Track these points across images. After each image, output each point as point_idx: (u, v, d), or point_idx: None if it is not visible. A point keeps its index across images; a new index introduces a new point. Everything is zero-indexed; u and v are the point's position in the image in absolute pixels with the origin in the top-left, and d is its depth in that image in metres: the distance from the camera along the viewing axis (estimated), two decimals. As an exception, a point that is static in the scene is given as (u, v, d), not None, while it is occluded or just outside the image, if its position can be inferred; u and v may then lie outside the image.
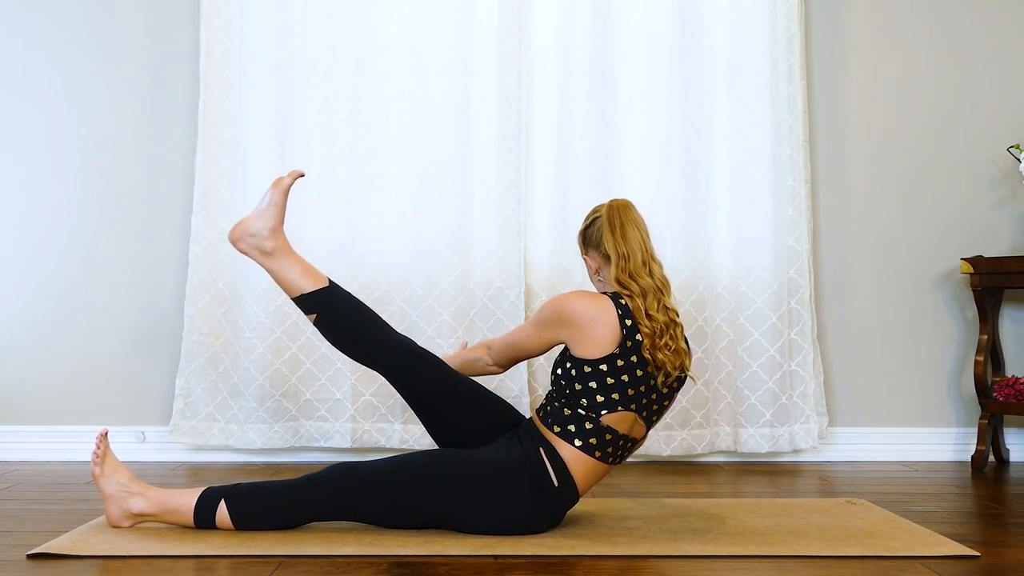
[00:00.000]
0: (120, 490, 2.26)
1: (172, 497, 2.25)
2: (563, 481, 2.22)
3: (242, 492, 2.25)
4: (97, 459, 2.27)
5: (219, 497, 2.23)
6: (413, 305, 3.38)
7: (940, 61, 3.61)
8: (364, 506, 2.22)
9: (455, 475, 2.21)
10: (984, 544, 2.21)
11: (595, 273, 2.41)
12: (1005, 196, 3.57)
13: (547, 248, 3.43)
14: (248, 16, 3.41)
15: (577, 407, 2.23)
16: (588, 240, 2.41)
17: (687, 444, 3.38)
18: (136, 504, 2.25)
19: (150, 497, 2.25)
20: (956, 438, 3.53)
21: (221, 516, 2.22)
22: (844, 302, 3.56)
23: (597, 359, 2.22)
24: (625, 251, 2.31)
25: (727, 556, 2.06)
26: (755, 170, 3.43)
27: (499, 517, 2.20)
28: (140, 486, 2.27)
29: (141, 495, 2.25)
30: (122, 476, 2.28)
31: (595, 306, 2.25)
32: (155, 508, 2.25)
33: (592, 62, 3.44)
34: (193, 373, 3.36)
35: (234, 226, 2.40)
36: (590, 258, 2.41)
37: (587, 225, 2.43)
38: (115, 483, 2.27)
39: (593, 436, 2.22)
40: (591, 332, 2.23)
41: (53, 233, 3.49)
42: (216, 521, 2.22)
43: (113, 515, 2.27)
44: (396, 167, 3.41)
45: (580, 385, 2.23)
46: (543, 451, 2.23)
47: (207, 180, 3.38)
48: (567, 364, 2.26)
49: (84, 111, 3.51)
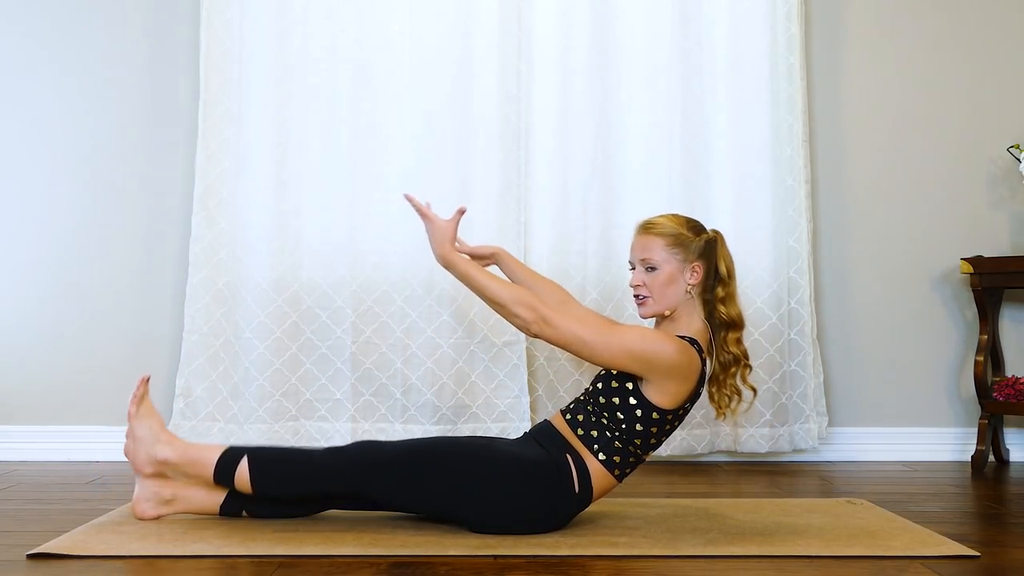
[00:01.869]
0: (150, 435, 2.31)
1: (196, 450, 2.30)
2: (583, 488, 2.24)
3: (265, 455, 2.28)
4: (136, 399, 2.34)
5: (241, 455, 2.25)
6: (413, 305, 3.38)
7: (940, 61, 3.61)
8: (382, 482, 2.22)
9: (481, 462, 2.21)
10: (984, 544, 2.21)
11: (691, 284, 2.31)
12: (1005, 196, 3.57)
13: (547, 248, 3.43)
14: (248, 16, 3.41)
15: (622, 436, 2.25)
16: (705, 250, 2.33)
17: (687, 444, 3.38)
18: (162, 451, 2.29)
19: (176, 446, 2.30)
20: (956, 438, 3.53)
21: (241, 474, 2.24)
22: (844, 302, 3.56)
23: (667, 410, 2.24)
24: (734, 275, 2.34)
25: (727, 556, 2.06)
26: (755, 170, 3.43)
27: (514, 513, 2.19)
28: (168, 435, 2.33)
29: (168, 444, 2.30)
30: (154, 422, 2.34)
31: (690, 361, 2.23)
32: (179, 457, 2.28)
33: (592, 62, 3.44)
34: (193, 373, 3.36)
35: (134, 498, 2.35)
36: (697, 267, 2.31)
37: (700, 231, 2.34)
38: (146, 427, 2.32)
39: (620, 457, 2.28)
40: (678, 387, 2.23)
41: (53, 233, 3.49)
42: (235, 478, 2.24)
43: (139, 459, 2.31)
44: (396, 167, 3.41)
45: (641, 427, 2.24)
46: (570, 457, 2.24)
47: (207, 180, 3.38)
48: (632, 400, 2.23)
49: (84, 111, 3.51)
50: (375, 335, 3.36)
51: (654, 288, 2.31)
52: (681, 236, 2.32)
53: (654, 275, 2.31)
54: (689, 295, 2.32)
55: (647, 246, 2.32)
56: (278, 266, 3.38)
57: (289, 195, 3.38)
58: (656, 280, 2.31)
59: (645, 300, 2.34)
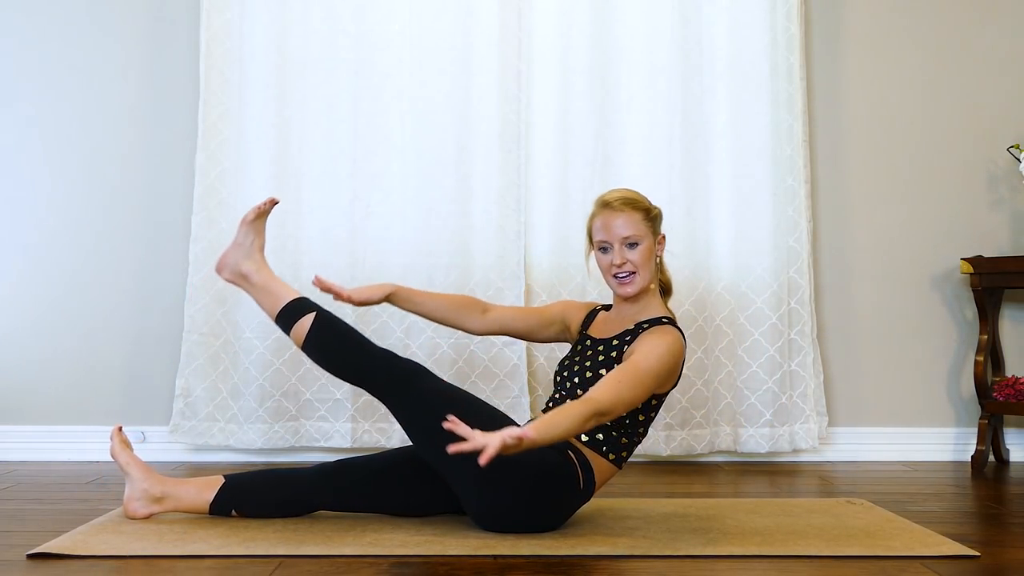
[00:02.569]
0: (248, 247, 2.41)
1: (275, 284, 2.39)
2: (587, 483, 2.25)
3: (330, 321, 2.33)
4: (257, 209, 2.41)
5: (310, 310, 2.33)
6: (413, 305, 3.38)
7: (940, 61, 3.61)
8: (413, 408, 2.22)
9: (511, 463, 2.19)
10: (984, 544, 2.21)
11: (659, 255, 2.37)
12: (1005, 196, 3.57)
13: (547, 248, 3.43)
14: (248, 16, 3.41)
15: (628, 430, 2.27)
16: (660, 223, 2.37)
17: (687, 444, 3.38)
18: (248, 266, 2.40)
19: (262, 272, 2.41)
20: (956, 438, 3.53)
21: (301, 326, 2.30)
22: (844, 302, 3.56)
23: (665, 392, 2.30)
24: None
25: (727, 556, 2.06)
26: (755, 170, 3.43)
27: (523, 508, 2.18)
28: (261, 258, 2.42)
29: (258, 265, 2.41)
30: (258, 240, 2.43)
31: (681, 343, 2.28)
32: (258, 281, 2.39)
33: (592, 62, 3.44)
34: (193, 373, 3.36)
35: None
36: (662, 238, 2.37)
37: (656, 207, 2.38)
38: (250, 239, 2.42)
39: (627, 451, 2.30)
40: (678, 371, 2.30)
41: (53, 233, 3.49)
42: (295, 327, 2.30)
43: (226, 260, 2.42)
44: (396, 167, 3.41)
45: (644, 416, 2.29)
46: (572, 456, 2.24)
47: (207, 180, 3.38)
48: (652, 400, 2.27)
49: (84, 111, 3.51)
50: (375, 335, 3.35)
51: (639, 264, 2.30)
52: (651, 210, 2.36)
53: (635, 251, 2.30)
54: (657, 268, 2.37)
55: (626, 223, 2.29)
56: (278, 266, 3.35)
57: (289, 195, 3.38)
58: (638, 256, 2.30)
59: (632, 278, 2.31)
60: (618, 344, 2.31)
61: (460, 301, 2.49)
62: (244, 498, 2.33)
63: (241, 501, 2.33)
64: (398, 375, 2.26)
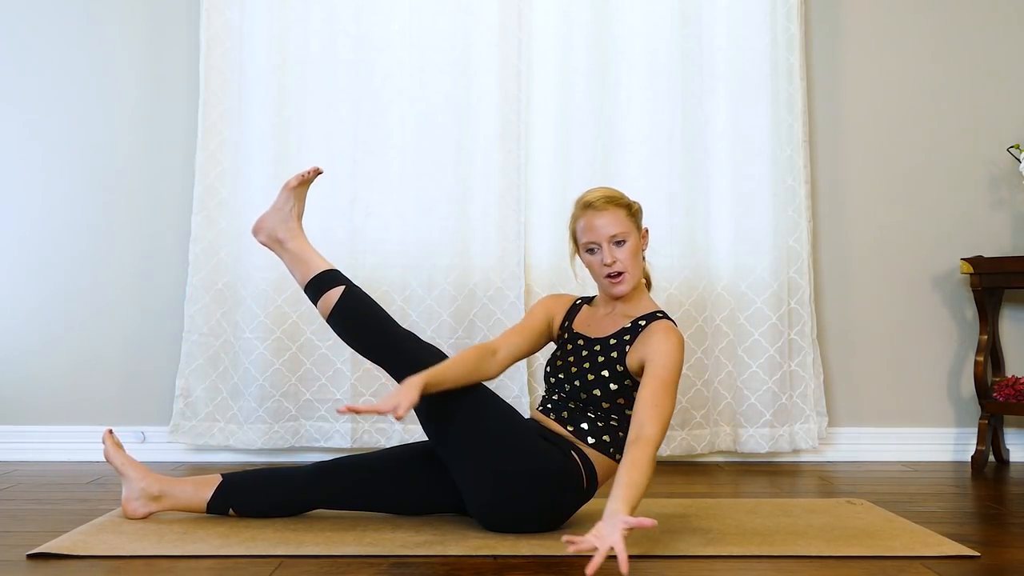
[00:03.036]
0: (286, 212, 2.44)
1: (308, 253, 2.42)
2: (591, 483, 2.25)
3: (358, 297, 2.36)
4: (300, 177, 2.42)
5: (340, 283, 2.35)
6: (413, 305, 3.38)
7: (940, 61, 3.61)
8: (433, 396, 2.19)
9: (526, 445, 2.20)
10: (984, 544, 2.21)
11: (644, 250, 2.37)
12: (1005, 196, 3.57)
13: (547, 248, 3.44)
14: (248, 16, 3.41)
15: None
16: (641, 218, 2.38)
17: (687, 444, 3.38)
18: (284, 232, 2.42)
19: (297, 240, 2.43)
20: (956, 438, 3.53)
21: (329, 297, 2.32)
22: (844, 302, 3.56)
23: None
24: None
25: (727, 556, 2.06)
26: (755, 170, 3.43)
27: (526, 506, 2.18)
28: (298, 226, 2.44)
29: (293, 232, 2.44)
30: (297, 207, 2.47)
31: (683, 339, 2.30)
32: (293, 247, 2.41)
33: (592, 62, 3.44)
34: (193, 373, 3.36)
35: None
36: (645, 232, 2.37)
37: (635, 202, 2.38)
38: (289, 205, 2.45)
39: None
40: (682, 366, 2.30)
41: (53, 233, 3.49)
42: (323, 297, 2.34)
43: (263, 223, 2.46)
44: (396, 167, 3.41)
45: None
46: (576, 456, 2.23)
47: (207, 180, 3.38)
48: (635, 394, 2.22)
49: (84, 111, 3.51)
50: (375, 335, 3.36)
51: (627, 261, 2.29)
52: (632, 205, 2.35)
53: (623, 248, 2.29)
54: (644, 261, 2.38)
55: (612, 221, 2.28)
56: (278, 266, 3.35)
57: (289, 195, 3.37)
58: (627, 253, 2.29)
59: (622, 276, 2.29)
60: (616, 343, 2.29)
61: (473, 357, 2.33)
62: (241, 497, 2.33)
63: (238, 500, 2.33)
64: (418, 359, 2.24)
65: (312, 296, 2.38)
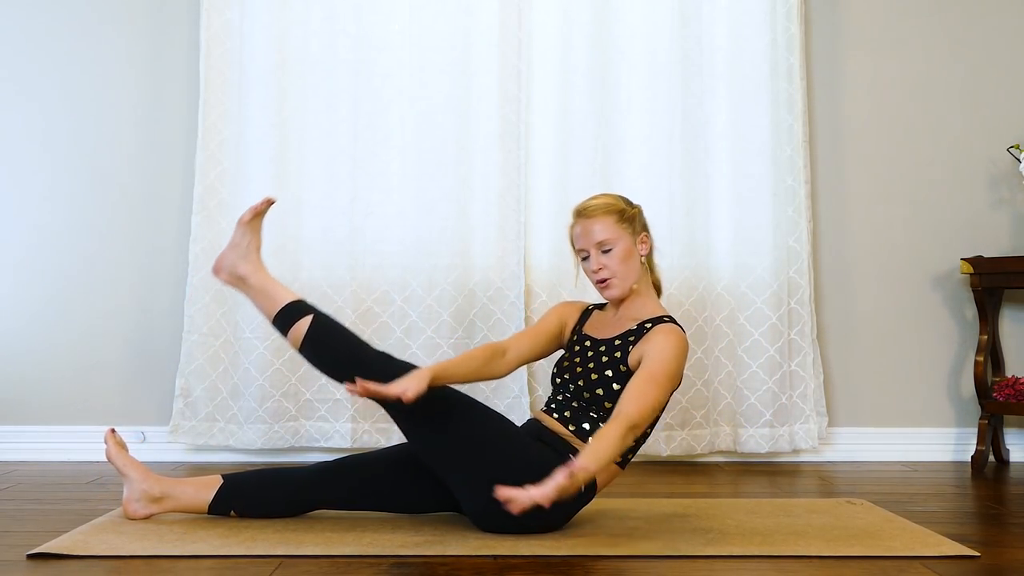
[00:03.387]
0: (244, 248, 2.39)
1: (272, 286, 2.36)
2: (589, 485, 2.23)
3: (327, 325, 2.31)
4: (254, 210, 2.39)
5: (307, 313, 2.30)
6: (413, 305, 3.38)
7: (940, 61, 3.61)
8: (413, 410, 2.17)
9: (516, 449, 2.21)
10: (984, 544, 2.21)
11: (643, 255, 2.36)
12: (1005, 196, 3.57)
13: (547, 248, 3.44)
14: (248, 16, 3.41)
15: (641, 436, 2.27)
16: (644, 221, 2.39)
17: (687, 444, 3.38)
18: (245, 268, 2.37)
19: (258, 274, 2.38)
20: (956, 438, 3.53)
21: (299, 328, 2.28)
22: (844, 302, 3.56)
23: (672, 389, 2.28)
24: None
25: (727, 556, 2.06)
26: (755, 170, 3.43)
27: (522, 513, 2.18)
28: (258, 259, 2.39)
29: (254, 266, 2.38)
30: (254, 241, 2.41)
31: (687, 341, 2.30)
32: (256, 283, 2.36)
33: (592, 62, 3.44)
34: (193, 373, 3.36)
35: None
36: (645, 236, 2.37)
37: (632, 203, 2.38)
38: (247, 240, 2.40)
39: (632, 452, 2.28)
40: (684, 369, 2.32)
41: (53, 233, 3.49)
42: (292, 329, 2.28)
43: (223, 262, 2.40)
44: (396, 167, 3.41)
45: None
46: (573, 457, 2.22)
47: (207, 180, 3.38)
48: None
49: (84, 111, 3.51)
50: (375, 335, 3.36)
51: (615, 267, 2.32)
52: (625, 211, 2.35)
53: (611, 255, 2.32)
54: (644, 266, 2.37)
55: (598, 228, 2.32)
56: (278, 266, 3.37)
57: (289, 195, 3.38)
58: (615, 259, 2.31)
59: (610, 282, 2.32)
60: (621, 344, 2.30)
61: (482, 356, 2.38)
62: (242, 498, 2.33)
63: (240, 501, 2.33)
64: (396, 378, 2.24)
65: (281, 329, 2.33)
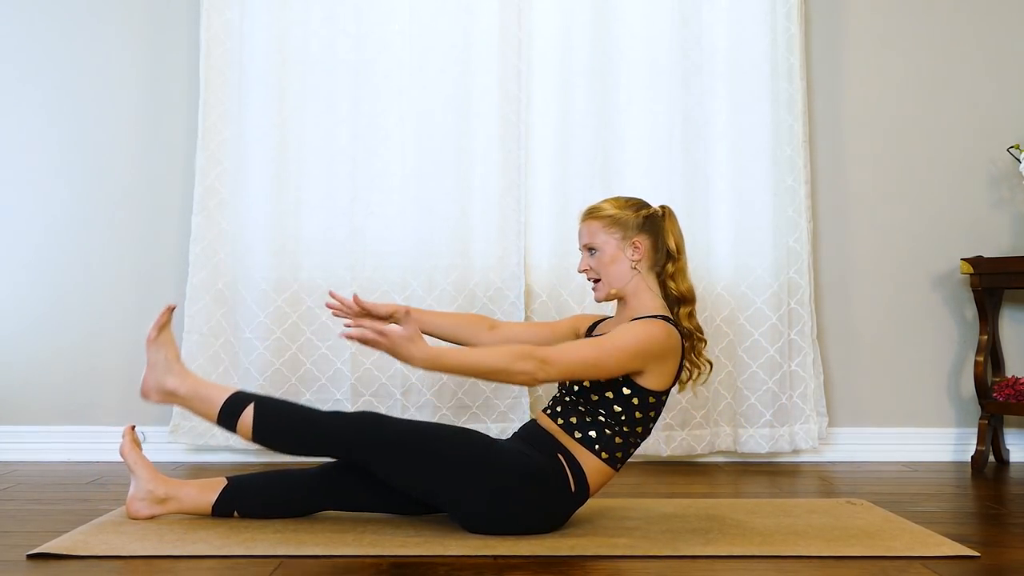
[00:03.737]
0: (164, 363, 2.30)
1: (206, 388, 2.29)
2: (579, 487, 2.24)
3: (272, 406, 2.27)
4: (157, 326, 2.31)
5: (248, 401, 2.25)
6: (413, 305, 3.37)
7: (940, 61, 3.61)
8: (382, 459, 2.20)
9: (482, 457, 2.20)
10: (984, 544, 2.21)
11: (634, 260, 2.33)
12: (1005, 196, 3.57)
13: (547, 248, 3.43)
14: (248, 16, 3.41)
15: (623, 428, 2.25)
16: (645, 225, 2.35)
17: (687, 444, 3.38)
18: (171, 382, 2.28)
19: (187, 381, 2.29)
20: (956, 438, 3.53)
21: (244, 421, 2.23)
22: (844, 302, 3.56)
23: (662, 391, 2.28)
24: (683, 249, 2.39)
25: (727, 556, 2.06)
26: (755, 170, 3.43)
27: (510, 515, 2.19)
28: (181, 368, 2.31)
29: (180, 376, 2.29)
30: (170, 352, 2.31)
31: (674, 337, 2.27)
32: (187, 391, 2.28)
33: (592, 62, 3.44)
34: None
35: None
36: (638, 242, 2.33)
37: (640, 208, 2.36)
38: (162, 355, 2.30)
39: (622, 451, 2.27)
40: (670, 367, 2.28)
41: (53, 233, 3.49)
42: (239, 424, 2.23)
43: (147, 384, 2.31)
44: (396, 167, 3.41)
45: (641, 414, 2.26)
46: (562, 458, 2.24)
47: (207, 180, 3.38)
48: (626, 391, 2.24)
49: (84, 111, 3.51)
50: (375, 335, 3.36)
51: (600, 270, 2.36)
52: (617, 216, 2.35)
53: (597, 256, 2.36)
54: (636, 271, 2.34)
55: (588, 231, 2.37)
56: (278, 266, 3.38)
57: (289, 195, 3.38)
58: (600, 262, 2.35)
59: (596, 284, 2.38)
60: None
61: (467, 319, 2.51)
62: (246, 499, 2.33)
63: (243, 502, 2.33)
64: (357, 434, 2.22)
65: (227, 427, 2.27)
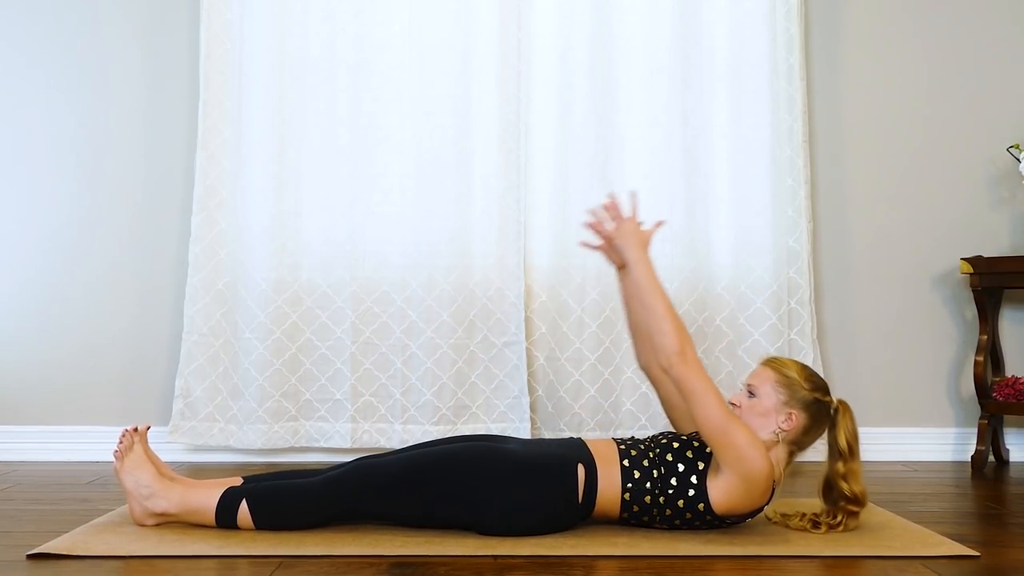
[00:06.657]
0: (143, 489, 2.25)
1: (194, 496, 2.24)
2: (587, 500, 2.22)
3: (263, 493, 2.24)
4: (118, 455, 2.27)
5: (240, 497, 2.22)
6: (413, 305, 3.38)
7: (940, 61, 3.61)
8: (383, 506, 2.20)
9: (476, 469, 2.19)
10: (984, 544, 2.21)
11: (781, 428, 2.25)
12: (1005, 196, 3.57)
13: (547, 248, 3.43)
14: (248, 16, 3.41)
15: (654, 506, 2.22)
16: (811, 407, 2.27)
17: (687, 444, 3.37)
18: (159, 505, 2.25)
19: (172, 497, 2.24)
20: (956, 438, 3.53)
21: (243, 516, 2.21)
22: (844, 302, 3.56)
23: (714, 513, 2.21)
24: (857, 451, 2.33)
25: (727, 556, 2.06)
26: (755, 170, 3.43)
27: (515, 514, 2.18)
28: (162, 485, 2.25)
29: (164, 495, 2.24)
30: (144, 474, 2.26)
31: (764, 489, 2.20)
32: (178, 508, 2.24)
33: (592, 62, 3.44)
34: (193, 374, 3.36)
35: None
36: (795, 415, 2.24)
37: (816, 389, 2.29)
38: (134, 480, 2.26)
39: (639, 508, 2.25)
40: (740, 500, 2.19)
41: (53, 233, 3.49)
42: (238, 520, 2.21)
43: (136, 513, 2.27)
44: (396, 167, 3.41)
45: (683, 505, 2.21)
46: (583, 467, 2.22)
47: (207, 180, 3.38)
48: (694, 479, 2.19)
49: (84, 111, 3.51)
50: (375, 335, 3.36)
51: (747, 412, 2.26)
52: (793, 380, 2.27)
53: (753, 401, 2.27)
54: (776, 438, 2.25)
55: (759, 374, 2.30)
56: (278, 267, 3.38)
57: (289, 195, 3.38)
58: (752, 407, 2.27)
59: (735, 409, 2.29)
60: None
61: (650, 341, 2.37)
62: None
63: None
64: (352, 492, 2.21)
65: (228, 526, 2.23)
